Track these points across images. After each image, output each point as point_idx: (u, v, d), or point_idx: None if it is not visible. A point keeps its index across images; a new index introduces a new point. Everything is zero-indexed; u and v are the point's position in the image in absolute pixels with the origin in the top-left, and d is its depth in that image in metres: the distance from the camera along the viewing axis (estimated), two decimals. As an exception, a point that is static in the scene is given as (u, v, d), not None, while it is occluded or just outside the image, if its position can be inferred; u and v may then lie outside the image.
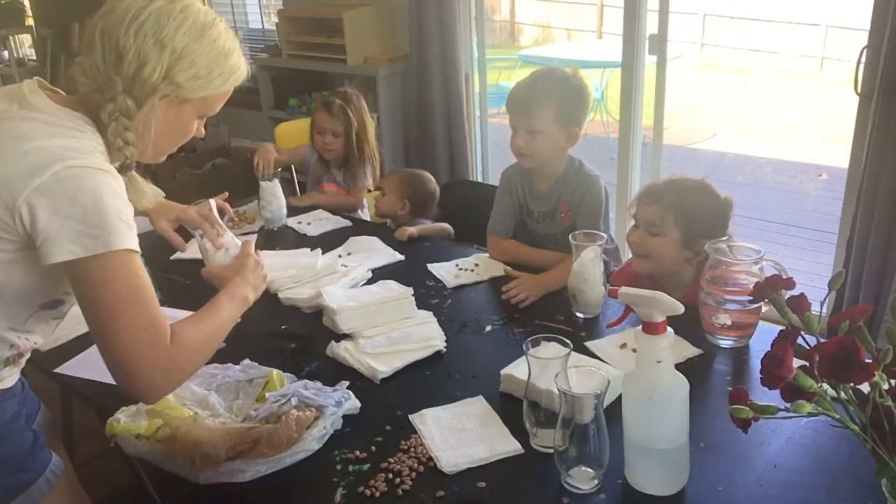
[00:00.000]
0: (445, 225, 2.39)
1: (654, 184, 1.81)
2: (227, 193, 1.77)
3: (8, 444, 1.16)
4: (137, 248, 1.06)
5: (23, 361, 1.21)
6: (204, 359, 1.17)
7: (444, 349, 1.54)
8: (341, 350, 1.53)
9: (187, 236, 1.62)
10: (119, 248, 1.03)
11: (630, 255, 1.84)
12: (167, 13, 1.09)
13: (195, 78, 1.13)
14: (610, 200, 2.03)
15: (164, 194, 1.33)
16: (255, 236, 2.17)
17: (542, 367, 1.20)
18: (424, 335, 1.57)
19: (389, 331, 1.59)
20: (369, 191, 2.73)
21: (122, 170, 1.14)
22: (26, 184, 1.00)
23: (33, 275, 1.08)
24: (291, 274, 1.87)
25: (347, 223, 2.33)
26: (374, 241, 2.10)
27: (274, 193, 2.30)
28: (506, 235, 2.05)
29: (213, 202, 1.61)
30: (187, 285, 1.86)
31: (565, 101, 1.89)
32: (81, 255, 1.01)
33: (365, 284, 1.84)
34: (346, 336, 1.59)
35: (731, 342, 1.50)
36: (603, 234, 1.69)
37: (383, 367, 1.47)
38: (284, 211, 2.34)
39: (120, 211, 1.04)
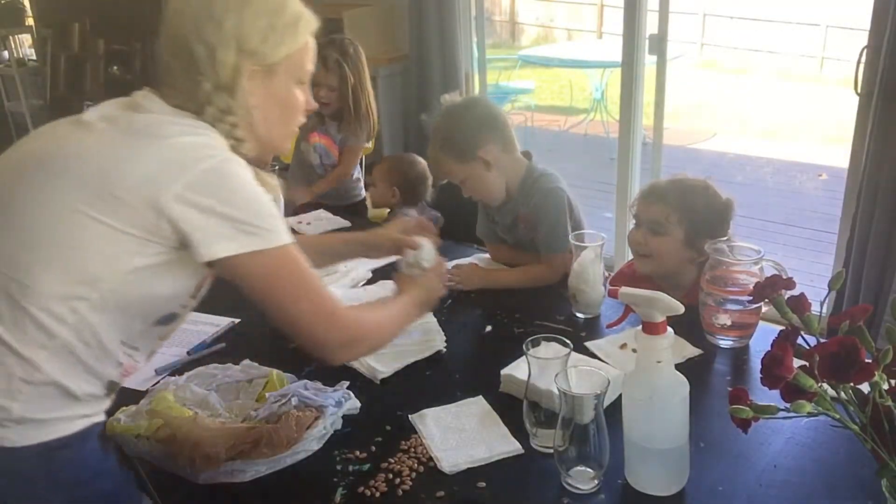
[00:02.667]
0: (421, 219, 2.32)
1: (657, 183, 1.80)
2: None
3: (107, 480, 1.08)
4: (291, 240, 1.07)
5: (115, 391, 1.13)
6: (382, 335, 1.23)
7: (445, 349, 1.54)
8: (341, 350, 1.52)
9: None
10: (277, 245, 1.04)
11: (629, 256, 1.84)
12: None
13: (265, 39, 1.08)
14: (609, 199, 2.02)
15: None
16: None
17: (542, 367, 1.20)
18: (424, 335, 1.57)
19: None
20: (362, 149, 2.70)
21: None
22: (173, 181, 0.97)
23: (165, 281, 1.04)
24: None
25: (346, 223, 2.33)
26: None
27: None
28: (490, 241, 2.04)
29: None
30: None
31: (448, 146, 1.83)
32: (239, 252, 1.01)
33: (365, 284, 1.85)
34: (345, 336, 1.59)
35: (731, 342, 1.50)
36: (603, 235, 1.69)
37: (383, 367, 1.46)
38: (282, 209, 2.33)
39: (270, 205, 1.06)
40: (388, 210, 2.53)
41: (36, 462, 0.99)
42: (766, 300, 1.04)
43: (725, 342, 1.51)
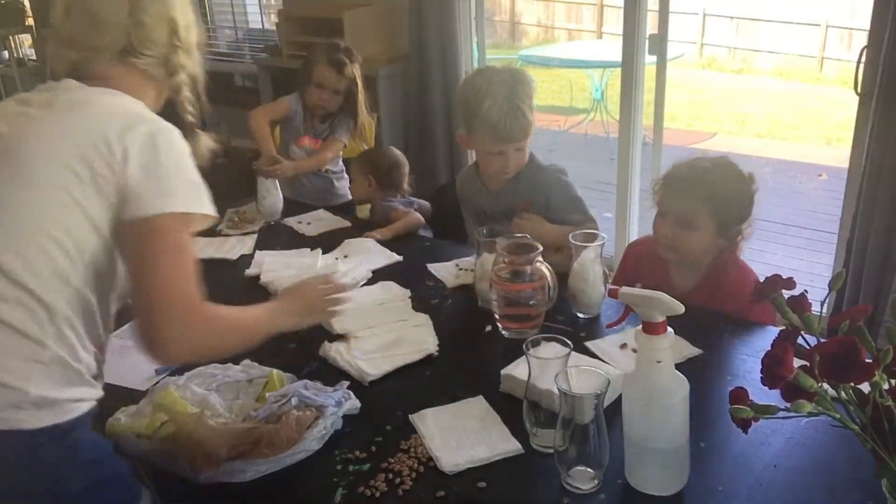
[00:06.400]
0: (414, 216, 2.33)
1: (680, 172, 1.71)
2: None
3: (114, 462, 1.14)
4: (212, 211, 1.12)
5: (100, 385, 1.17)
6: (221, 346, 1.19)
7: (437, 353, 1.53)
8: (332, 352, 1.52)
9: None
10: (197, 212, 1.10)
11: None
12: None
13: (190, 21, 1.24)
14: (609, 199, 2.03)
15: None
16: (256, 236, 2.19)
17: (542, 367, 1.20)
18: (417, 339, 1.57)
19: (383, 332, 1.58)
20: (345, 145, 2.73)
21: (189, 130, 1.24)
22: (123, 129, 1.07)
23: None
24: (291, 274, 1.87)
25: (346, 223, 2.33)
26: (370, 243, 2.10)
27: (269, 189, 2.32)
28: None
29: None
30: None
31: (530, 103, 1.87)
32: (164, 212, 1.06)
33: (365, 285, 1.85)
34: (340, 337, 1.59)
35: (511, 334, 1.57)
36: (604, 235, 1.69)
37: (372, 369, 1.45)
38: (279, 206, 2.36)
39: (196, 177, 1.12)
40: (370, 205, 2.53)
41: (52, 444, 1.03)
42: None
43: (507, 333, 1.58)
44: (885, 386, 0.86)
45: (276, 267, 1.92)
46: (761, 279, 1.63)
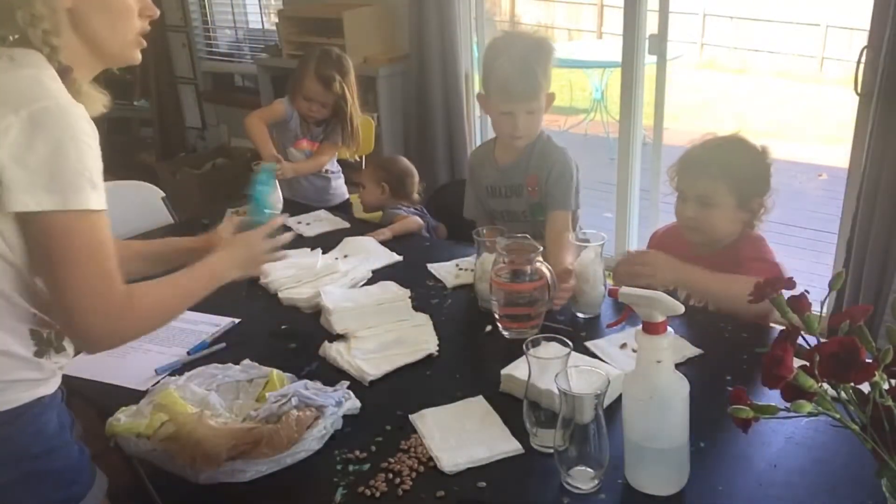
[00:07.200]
0: (413, 219, 2.35)
1: (694, 154, 1.75)
2: None
3: (59, 457, 1.11)
4: (99, 207, 1.01)
5: (61, 359, 1.14)
6: (157, 323, 1.15)
7: (437, 353, 1.53)
8: (332, 352, 1.52)
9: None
10: (76, 209, 0.98)
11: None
12: None
13: None
14: (609, 199, 2.03)
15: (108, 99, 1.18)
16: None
17: (542, 367, 1.20)
18: (417, 339, 1.57)
19: (383, 332, 1.58)
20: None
21: (61, 74, 1.06)
22: (3, 113, 0.96)
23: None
24: (291, 274, 1.87)
25: (345, 224, 2.33)
26: (370, 242, 2.10)
27: None
28: (482, 221, 2.07)
29: None
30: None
31: (546, 66, 1.87)
32: (33, 210, 0.96)
33: (365, 285, 1.85)
34: (340, 337, 1.59)
35: (511, 334, 1.57)
36: (603, 235, 1.69)
37: (372, 369, 1.45)
38: (280, 206, 2.35)
39: (83, 167, 0.99)
40: (381, 212, 2.54)
41: None
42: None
43: (507, 333, 1.58)
44: (885, 386, 0.86)
45: (276, 267, 1.92)
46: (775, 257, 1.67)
